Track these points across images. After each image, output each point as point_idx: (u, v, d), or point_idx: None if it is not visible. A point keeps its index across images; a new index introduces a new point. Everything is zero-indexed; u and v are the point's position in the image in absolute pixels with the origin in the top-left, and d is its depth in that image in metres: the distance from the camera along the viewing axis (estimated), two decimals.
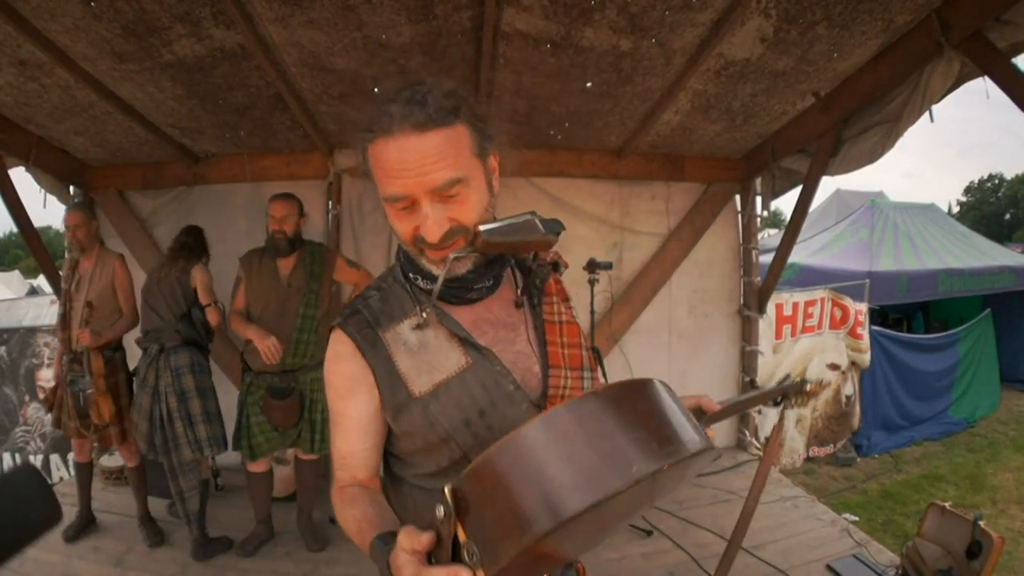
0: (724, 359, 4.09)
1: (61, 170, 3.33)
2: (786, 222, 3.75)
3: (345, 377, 0.88)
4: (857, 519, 3.51)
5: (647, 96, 2.86)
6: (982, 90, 2.12)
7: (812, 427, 5.31)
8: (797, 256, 6.08)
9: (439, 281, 0.81)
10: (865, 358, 5.42)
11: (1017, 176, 40.63)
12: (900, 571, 2.35)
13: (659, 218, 3.91)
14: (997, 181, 42.19)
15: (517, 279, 0.97)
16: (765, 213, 3.94)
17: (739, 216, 4.03)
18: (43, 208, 3.42)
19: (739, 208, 4.02)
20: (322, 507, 2.98)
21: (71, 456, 3.09)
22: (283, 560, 2.66)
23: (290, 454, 3.08)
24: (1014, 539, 3.87)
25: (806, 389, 1.24)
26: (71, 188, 3.53)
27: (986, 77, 2.08)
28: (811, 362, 5.16)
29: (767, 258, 4.29)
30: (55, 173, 3.31)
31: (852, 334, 5.32)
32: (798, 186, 3.41)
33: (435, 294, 0.83)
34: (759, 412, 4.39)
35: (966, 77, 2.23)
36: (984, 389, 6.74)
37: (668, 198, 3.90)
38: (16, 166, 3.04)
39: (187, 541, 2.71)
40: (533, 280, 0.94)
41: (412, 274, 0.89)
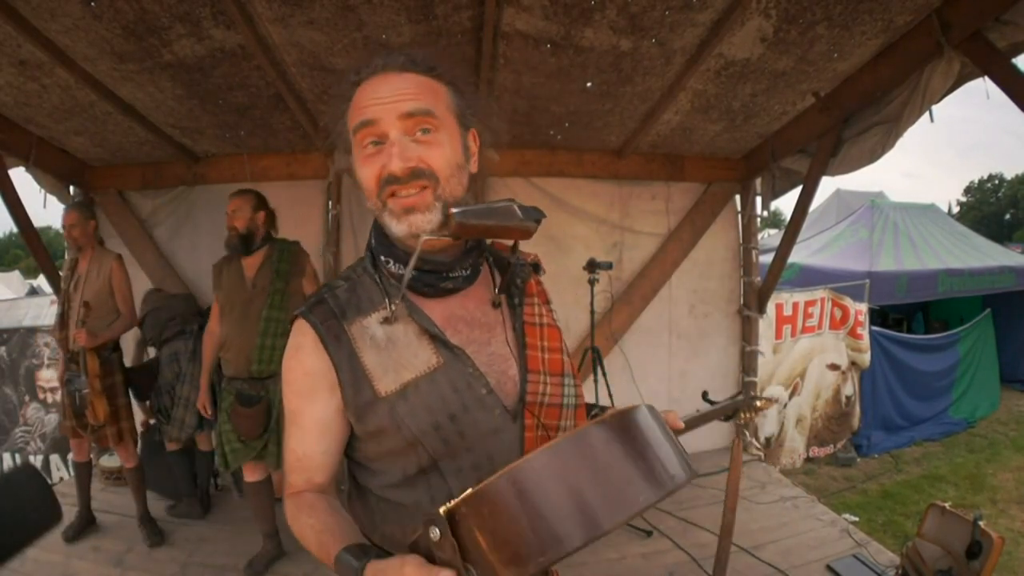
0: (724, 359, 4.09)
1: (61, 170, 3.33)
2: (786, 222, 3.75)
3: (305, 372, 0.82)
4: (857, 519, 3.51)
5: (647, 96, 2.86)
6: (982, 90, 2.12)
7: (812, 427, 5.31)
8: (797, 256, 6.08)
9: (412, 259, 0.75)
10: (865, 358, 5.42)
11: (1017, 176, 40.70)
12: (900, 571, 2.35)
13: (659, 218, 3.91)
14: (997, 181, 42.22)
15: (495, 277, 0.92)
16: (765, 213, 3.94)
17: (739, 216, 4.03)
18: (43, 208, 3.43)
19: (739, 208, 4.02)
20: None
21: (71, 456, 3.09)
22: (283, 560, 2.66)
23: None
24: (1014, 539, 3.87)
25: (756, 405, 1.25)
26: (71, 188, 3.53)
27: (986, 77, 2.08)
28: (811, 362, 5.16)
29: (767, 258, 4.29)
30: (55, 173, 3.31)
31: (852, 334, 5.32)
32: (798, 186, 3.41)
33: (407, 276, 0.77)
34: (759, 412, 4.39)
35: (966, 77, 2.23)
36: (984, 389, 6.74)
37: (668, 198, 3.90)
38: (16, 166, 3.04)
39: (187, 541, 2.71)
40: (513, 278, 0.89)
41: (384, 256, 0.84)
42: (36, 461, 4.37)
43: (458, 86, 0.85)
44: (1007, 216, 39.70)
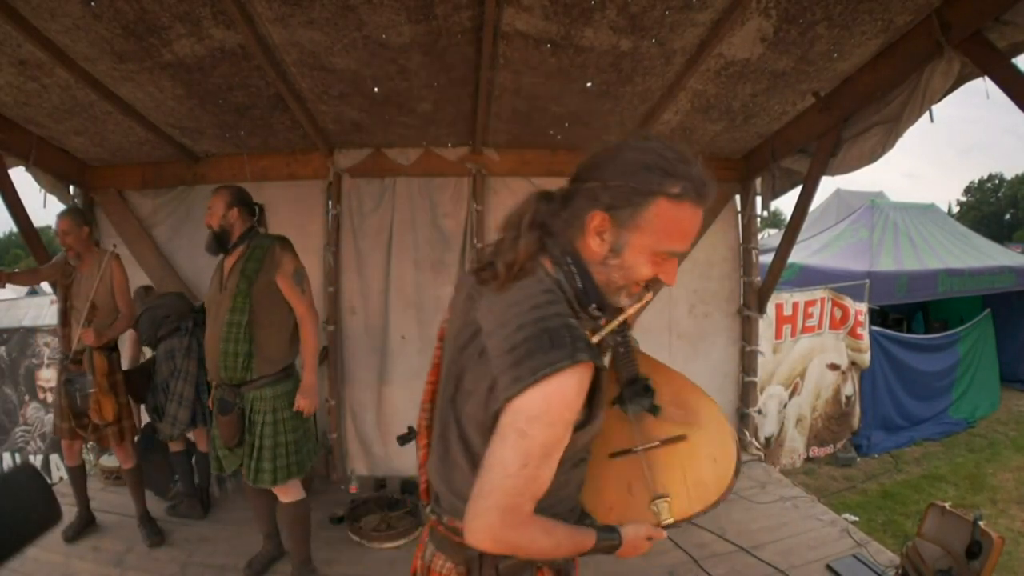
0: (724, 359, 4.09)
1: (61, 170, 3.33)
2: (786, 222, 3.75)
3: (579, 410, 0.87)
4: (857, 519, 3.51)
5: (647, 96, 2.86)
6: (982, 90, 2.12)
7: (812, 427, 5.31)
8: (797, 256, 6.08)
9: (633, 308, 1.00)
10: (865, 358, 5.42)
11: (1017, 176, 40.68)
12: (900, 571, 2.35)
13: None
14: (997, 181, 42.21)
15: None
16: (765, 213, 3.94)
17: (739, 216, 4.02)
18: (43, 208, 3.42)
19: (739, 208, 4.02)
20: (321, 508, 2.98)
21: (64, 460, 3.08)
22: (283, 560, 2.65)
23: None
24: (1014, 539, 3.87)
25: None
26: (71, 188, 3.53)
27: (986, 77, 2.08)
28: (811, 362, 5.17)
29: (767, 258, 4.29)
30: (55, 173, 3.31)
31: (852, 334, 5.32)
32: (798, 186, 3.41)
33: (621, 319, 0.99)
34: (759, 412, 4.40)
35: (966, 77, 2.23)
36: (984, 389, 6.74)
37: None
38: (16, 166, 3.04)
39: (187, 541, 2.71)
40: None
41: (594, 306, 0.97)
42: (36, 461, 4.37)
43: None
44: (1007, 216, 39.70)
